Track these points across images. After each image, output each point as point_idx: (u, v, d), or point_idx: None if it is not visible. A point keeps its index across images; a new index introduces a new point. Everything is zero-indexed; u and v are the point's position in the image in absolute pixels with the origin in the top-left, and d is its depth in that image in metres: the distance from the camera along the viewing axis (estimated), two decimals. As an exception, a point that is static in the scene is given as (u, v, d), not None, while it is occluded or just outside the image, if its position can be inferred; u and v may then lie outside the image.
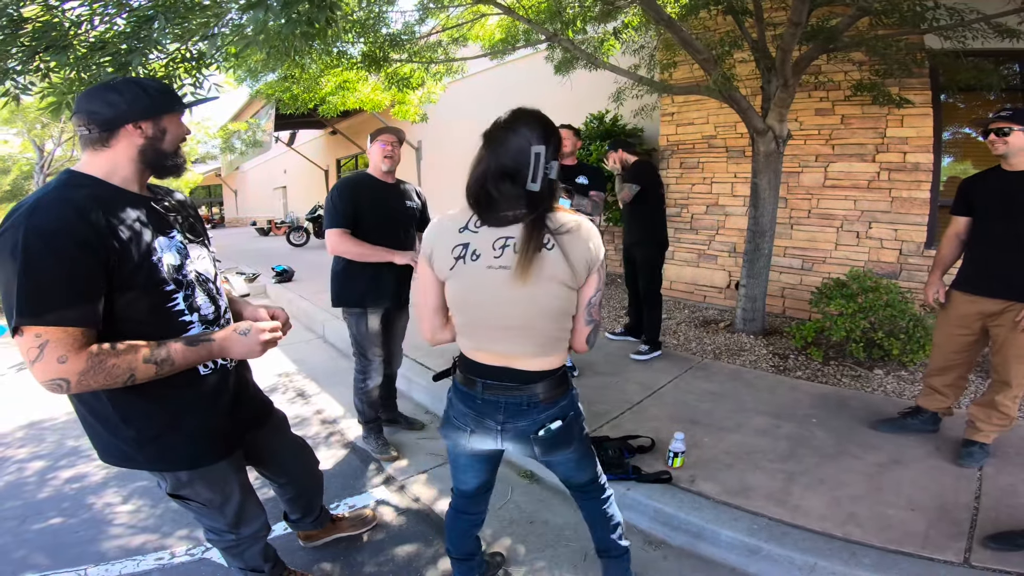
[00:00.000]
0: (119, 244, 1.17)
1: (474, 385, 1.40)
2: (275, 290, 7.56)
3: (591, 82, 6.10)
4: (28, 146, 21.61)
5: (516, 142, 1.25)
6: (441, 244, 1.31)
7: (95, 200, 1.18)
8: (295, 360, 4.64)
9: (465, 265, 1.28)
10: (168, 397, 1.33)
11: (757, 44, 4.02)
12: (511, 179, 1.24)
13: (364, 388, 2.84)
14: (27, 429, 3.42)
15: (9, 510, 2.50)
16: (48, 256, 1.07)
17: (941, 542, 1.90)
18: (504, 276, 1.25)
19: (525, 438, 1.41)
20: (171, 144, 1.32)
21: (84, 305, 1.12)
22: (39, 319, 1.07)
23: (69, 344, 1.09)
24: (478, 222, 1.29)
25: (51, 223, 1.09)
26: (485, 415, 1.40)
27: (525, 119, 1.28)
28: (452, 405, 1.48)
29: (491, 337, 1.35)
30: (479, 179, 1.28)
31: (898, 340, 3.48)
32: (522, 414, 1.38)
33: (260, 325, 1.34)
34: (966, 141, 4.75)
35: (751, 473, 2.39)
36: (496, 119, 1.32)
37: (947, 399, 2.63)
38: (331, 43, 4.69)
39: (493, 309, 1.30)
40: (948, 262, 2.62)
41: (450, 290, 1.34)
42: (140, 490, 2.63)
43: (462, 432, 1.46)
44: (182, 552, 2.18)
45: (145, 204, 1.31)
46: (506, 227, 1.26)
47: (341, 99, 7.50)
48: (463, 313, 1.36)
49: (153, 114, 1.26)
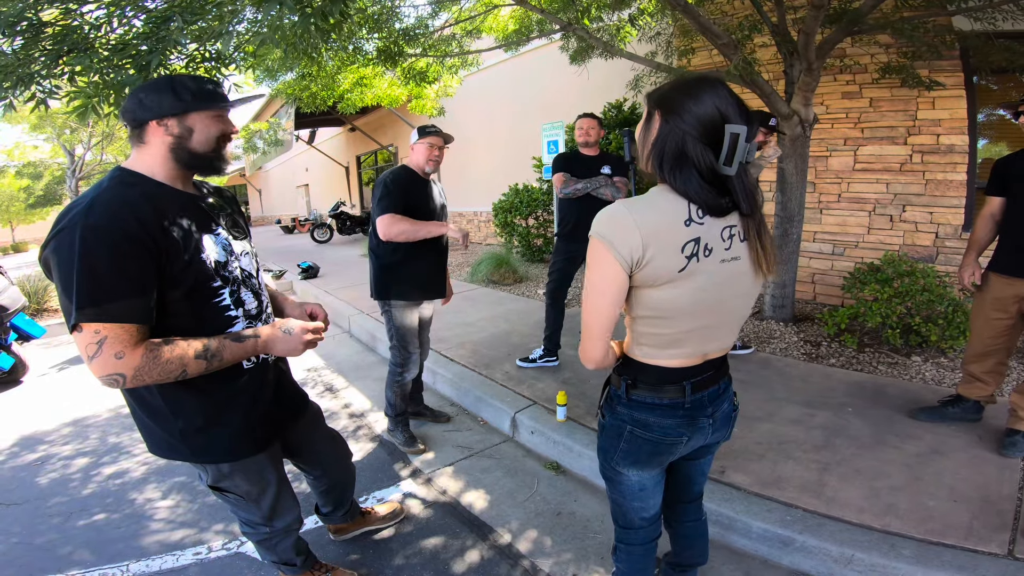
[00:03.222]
0: (170, 241, 1.20)
1: (679, 392, 1.24)
2: (301, 286, 7.67)
3: (608, 71, 6.01)
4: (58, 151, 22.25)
5: (703, 112, 1.06)
6: (662, 242, 1.06)
7: (147, 198, 1.21)
8: (323, 355, 4.70)
9: (699, 263, 1.09)
10: (213, 390, 1.36)
11: (778, 28, 3.90)
12: (713, 153, 1.07)
13: (401, 381, 2.85)
14: (71, 427, 3.51)
15: (55, 506, 2.58)
16: (105, 254, 1.10)
17: (984, 534, 1.84)
18: (735, 269, 1.14)
19: (727, 420, 1.34)
20: (202, 143, 1.30)
21: (140, 302, 1.15)
22: (98, 316, 1.10)
23: (126, 340, 1.12)
24: (701, 212, 1.08)
25: (107, 222, 1.12)
26: (697, 415, 1.26)
27: (716, 91, 1.07)
28: (650, 427, 1.26)
29: (711, 336, 1.20)
30: (685, 153, 1.07)
31: (936, 326, 3.36)
32: (720, 397, 1.30)
33: (304, 325, 1.37)
34: (1001, 123, 4.58)
35: (784, 463, 2.34)
36: (673, 84, 1.13)
37: (988, 386, 2.53)
38: (346, 39, 4.70)
39: (721, 306, 1.16)
40: (983, 243, 2.55)
41: (670, 296, 1.11)
42: (178, 485, 2.70)
43: (676, 445, 1.28)
44: (219, 547, 2.22)
45: (192, 201, 1.33)
46: (726, 216, 1.11)
47: (359, 96, 7.55)
48: (689, 319, 1.15)
49: (176, 112, 1.25)
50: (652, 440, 1.27)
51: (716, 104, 1.06)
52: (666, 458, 1.32)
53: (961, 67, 4.31)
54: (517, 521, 2.27)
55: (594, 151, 3.47)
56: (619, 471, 1.35)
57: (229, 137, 1.37)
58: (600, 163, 3.41)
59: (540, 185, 7.66)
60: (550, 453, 2.76)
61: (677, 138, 1.08)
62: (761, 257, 1.14)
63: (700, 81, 1.10)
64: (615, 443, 1.32)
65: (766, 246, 1.15)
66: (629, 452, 1.30)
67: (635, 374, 1.27)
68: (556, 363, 3.66)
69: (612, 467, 1.36)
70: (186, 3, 2.09)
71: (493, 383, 3.44)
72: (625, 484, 1.39)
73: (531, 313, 5.05)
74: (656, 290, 1.12)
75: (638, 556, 1.49)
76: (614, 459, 1.34)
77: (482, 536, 2.20)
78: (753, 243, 1.14)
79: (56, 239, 1.12)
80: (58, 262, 1.11)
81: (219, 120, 1.33)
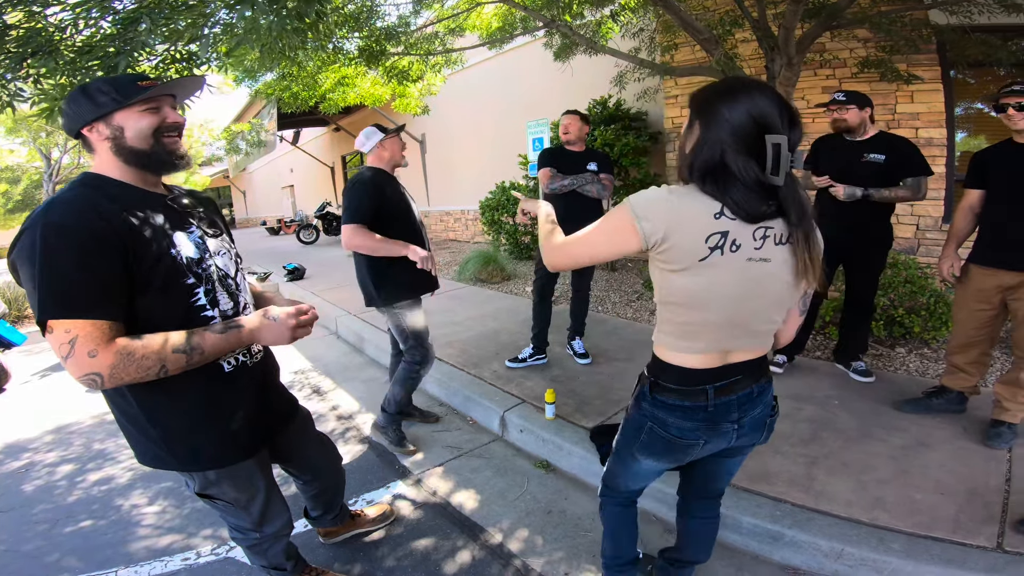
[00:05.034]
0: (137, 238, 1.18)
1: (701, 396, 1.24)
2: (288, 288, 7.59)
3: (592, 67, 6.02)
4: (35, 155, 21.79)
5: (740, 121, 1.06)
6: (689, 227, 1.08)
7: (110, 197, 1.19)
8: (310, 357, 4.65)
9: (723, 256, 1.09)
10: (190, 395, 1.32)
11: (758, 23, 3.93)
12: (756, 162, 1.07)
13: (416, 379, 2.83)
14: (55, 434, 3.46)
15: (41, 513, 2.54)
16: (67, 250, 1.08)
17: (972, 527, 1.85)
18: (763, 270, 1.12)
19: (760, 425, 1.33)
20: (137, 140, 1.24)
21: (107, 297, 1.12)
22: (64, 313, 1.08)
23: (98, 338, 1.09)
24: (731, 212, 1.09)
25: (69, 219, 1.10)
26: (720, 419, 1.26)
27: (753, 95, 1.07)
28: (668, 426, 1.28)
29: (729, 335, 1.20)
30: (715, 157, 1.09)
31: (919, 317, 3.41)
32: (754, 402, 1.29)
33: (290, 310, 1.34)
34: (978, 116, 4.67)
35: (772, 458, 2.35)
36: (713, 89, 1.13)
37: (972, 377, 2.57)
38: (325, 38, 4.65)
39: (742, 304, 1.15)
40: (963, 235, 2.58)
41: (690, 283, 1.13)
42: (165, 491, 2.66)
43: (692, 447, 1.30)
44: (207, 552, 2.19)
45: (160, 200, 1.31)
46: (763, 221, 1.10)
47: (341, 95, 7.47)
48: (707, 310, 1.16)
49: (96, 116, 1.21)
50: (666, 439, 1.29)
51: (752, 112, 1.05)
52: (681, 456, 1.34)
53: (938, 61, 4.38)
54: (508, 521, 2.26)
55: (580, 148, 3.47)
56: (635, 457, 1.39)
57: (169, 128, 1.28)
58: (586, 160, 3.41)
59: (527, 183, 7.64)
60: (540, 452, 2.76)
61: (715, 150, 1.09)
62: (808, 267, 1.12)
63: (739, 87, 1.09)
64: (636, 435, 1.36)
65: (814, 257, 1.13)
66: (647, 445, 1.34)
67: (659, 373, 1.29)
68: (545, 361, 3.66)
69: (629, 452, 1.40)
70: (155, 4, 2.04)
71: (482, 382, 3.43)
72: (632, 467, 1.44)
73: (519, 311, 5.04)
74: (677, 275, 1.14)
75: (618, 514, 1.62)
76: (633, 447, 1.38)
77: (473, 536, 2.19)
78: (801, 252, 1.12)
79: (19, 241, 1.11)
80: (23, 263, 1.10)
81: (150, 113, 1.25)
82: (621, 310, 4.96)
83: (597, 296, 5.43)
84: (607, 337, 4.16)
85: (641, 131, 6.50)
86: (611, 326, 4.48)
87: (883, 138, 2.95)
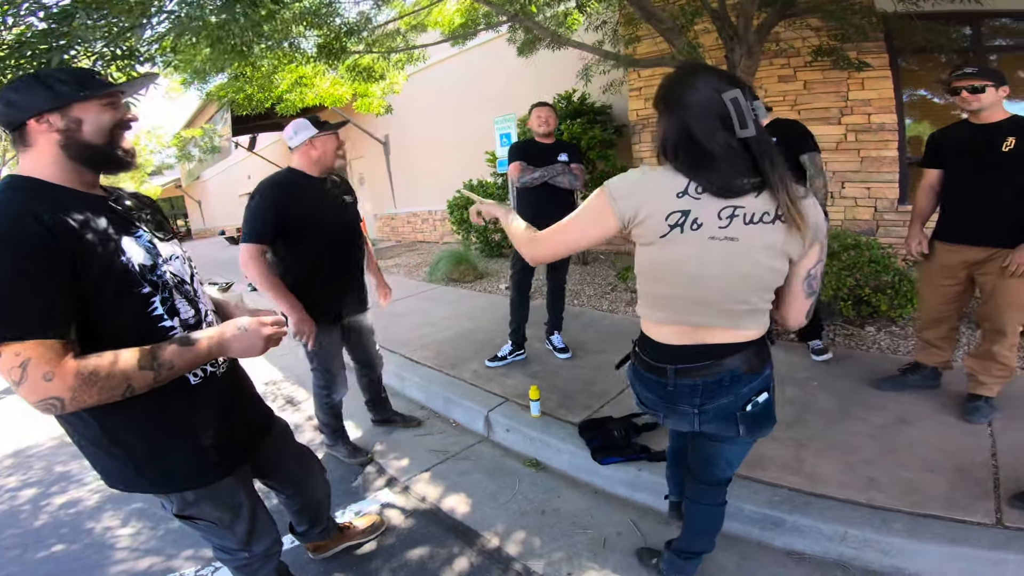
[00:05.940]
0: (81, 244, 1.06)
1: (663, 373, 1.31)
2: (251, 298, 7.31)
3: (557, 62, 6.00)
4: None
5: (699, 97, 1.15)
6: (653, 205, 1.16)
7: (45, 201, 1.07)
8: (280, 368, 4.48)
9: (683, 234, 1.16)
10: (156, 412, 1.22)
11: (718, 12, 3.99)
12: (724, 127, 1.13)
13: (330, 403, 2.68)
14: (13, 457, 3.32)
15: (9, 539, 2.44)
16: (6, 262, 0.97)
17: (967, 503, 1.86)
18: (728, 248, 1.16)
19: (729, 417, 1.32)
20: (94, 134, 1.15)
21: (57, 312, 1.01)
22: (10, 334, 0.96)
23: (51, 359, 0.98)
24: (699, 188, 1.14)
25: (3, 227, 0.99)
26: (678, 400, 1.33)
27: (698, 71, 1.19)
28: (636, 391, 1.45)
29: (696, 311, 1.24)
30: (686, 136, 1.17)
31: (885, 295, 3.51)
32: (724, 391, 1.29)
33: (262, 319, 1.25)
34: (924, 102, 4.85)
35: (760, 442, 2.34)
36: (664, 79, 1.24)
37: (943, 352, 2.64)
38: (281, 34, 4.49)
39: (708, 282, 1.20)
40: (926, 213, 2.66)
41: (655, 257, 1.22)
42: (137, 512, 2.53)
43: (655, 415, 1.44)
44: (191, 573, 2.09)
45: (101, 203, 1.19)
46: (734, 198, 1.15)
47: (299, 96, 7.24)
48: (670, 284, 1.24)
49: (54, 105, 1.11)
50: (639, 397, 1.47)
51: (701, 84, 1.16)
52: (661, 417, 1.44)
53: (886, 48, 4.52)
54: (502, 523, 2.22)
55: (550, 139, 3.44)
56: None
57: (127, 126, 1.22)
58: (556, 151, 3.38)
59: (495, 180, 7.58)
60: (528, 450, 2.71)
61: (679, 126, 1.18)
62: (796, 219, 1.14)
63: (685, 68, 1.23)
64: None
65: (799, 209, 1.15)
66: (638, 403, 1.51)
67: (639, 342, 1.41)
68: (524, 356, 3.62)
69: None
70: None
71: (462, 383, 3.36)
72: None
73: (494, 308, 4.98)
74: (645, 249, 1.23)
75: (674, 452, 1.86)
76: None
77: (468, 542, 2.13)
78: (790, 212, 1.14)
79: None
80: None
81: (110, 107, 1.18)
82: (596, 302, 4.96)
83: (572, 289, 5.41)
84: (584, 330, 4.15)
85: (607, 124, 6.52)
86: (588, 319, 4.48)
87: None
